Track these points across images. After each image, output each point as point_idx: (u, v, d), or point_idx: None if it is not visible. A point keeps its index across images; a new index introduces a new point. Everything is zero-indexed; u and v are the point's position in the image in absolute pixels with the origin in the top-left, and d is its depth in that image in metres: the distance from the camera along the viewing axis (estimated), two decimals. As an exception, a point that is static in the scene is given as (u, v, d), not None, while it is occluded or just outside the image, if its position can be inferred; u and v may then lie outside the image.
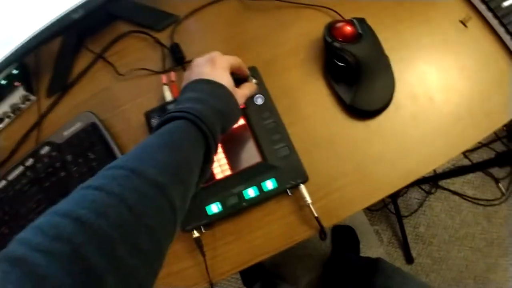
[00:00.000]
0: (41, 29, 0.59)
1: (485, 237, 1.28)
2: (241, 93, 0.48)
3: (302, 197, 0.48)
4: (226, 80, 0.45)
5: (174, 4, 0.67)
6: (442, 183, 1.30)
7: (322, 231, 0.48)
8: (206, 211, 0.48)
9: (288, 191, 0.49)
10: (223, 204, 0.49)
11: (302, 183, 0.49)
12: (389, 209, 1.28)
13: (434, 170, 1.18)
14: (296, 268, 1.21)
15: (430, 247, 1.27)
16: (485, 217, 1.30)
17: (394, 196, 1.24)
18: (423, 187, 1.30)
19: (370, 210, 1.30)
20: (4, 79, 0.69)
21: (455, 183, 1.32)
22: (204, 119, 0.38)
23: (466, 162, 1.32)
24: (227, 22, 0.64)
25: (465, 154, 1.32)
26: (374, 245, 1.26)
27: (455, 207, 1.31)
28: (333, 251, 1.19)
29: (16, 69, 0.69)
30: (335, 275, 1.10)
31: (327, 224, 0.49)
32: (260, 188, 0.49)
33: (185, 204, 0.35)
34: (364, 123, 0.53)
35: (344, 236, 1.20)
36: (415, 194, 1.31)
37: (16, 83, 0.67)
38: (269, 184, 0.48)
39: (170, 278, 0.50)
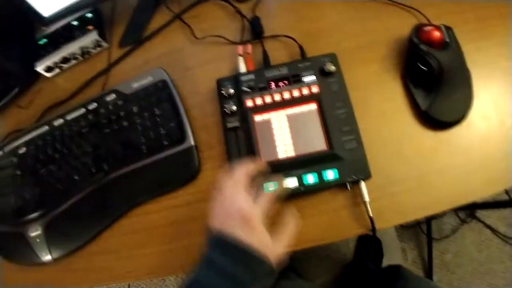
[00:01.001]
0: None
1: (505, 276, 1.23)
2: (277, 249, 0.42)
3: (360, 194, 0.47)
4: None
5: (259, -22, 0.66)
6: (479, 214, 1.26)
7: (373, 232, 0.47)
8: (262, 188, 0.48)
9: (348, 184, 0.48)
10: (280, 185, 0.48)
11: (364, 179, 0.47)
12: (422, 229, 1.26)
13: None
14: (313, 266, 1.20)
15: (453, 276, 1.23)
16: (510, 256, 1.25)
17: (430, 217, 1.22)
18: (460, 214, 1.27)
19: (402, 226, 1.27)
20: (77, 20, 0.70)
21: (491, 216, 1.28)
22: None
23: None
24: (309, 5, 0.62)
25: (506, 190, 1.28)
26: (397, 261, 1.23)
27: (486, 241, 1.27)
28: (354, 258, 1.18)
29: (92, 14, 0.70)
30: (352, 281, 1.09)
31: (377, 226, 0.47)
32: (320, 176, 0.48)
33: None
34: (434, 133, 0.51)
35: (369, 245, 1.18)
36: (450, 220, 1.28)
37: (90, 27, 0.68)
38: (330, 174, 0.48)
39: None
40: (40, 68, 0.69)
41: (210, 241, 0.41)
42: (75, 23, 0.70)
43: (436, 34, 0.51)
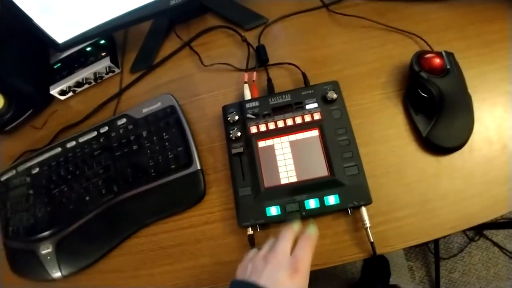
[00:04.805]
0: (138, 7, 0.63)
1: (511, 293, 1.24)
2: None
3: (361, 219, 0.48)
4: None
5: (264, 6, 0.69)
6: (487, 232, 1.26)
7: (374, 257, 0.48)
8: (265, 212, 0.49)
9: (349, 210, 0.49)
10: (282, 209, 0.49)
11: (365, 205, 0.48)
12: (429, 248, 1.26)
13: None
14: (319, 286, 1.20)
15: (460, 294, 1.23)
16: (517, 273, 1.26)
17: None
18: (468, 233, 1.27)
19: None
20: (91, 46, 0.73)
21: (499, 234, 1.28)
22: None
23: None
24: (314, 33, 0.65)
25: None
26: (405, 281, 1.23)
27: (493, 259, 1.27)
28: (361, 278, 1.17)
29: (105, 41, 0.73)
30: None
31: (379, 251, 0.48)
32: (321, 201, 0.49)
33: None
34: (435, 158, 0.52)
35: (376, 265, 1.17)
36: (458, 239, 1.28)
37: (103, 53, 0.71)
38: (332, 200, 0.49)
39: (217, 267, 0.52)
40: (54, 91, 0.71)
41: (233, 284, 0.41)
42: (88, 49, 0.73)
43: (437, 61, 0.52)
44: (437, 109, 0.51)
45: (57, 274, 0.57)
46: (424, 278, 1.26)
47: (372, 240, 0.47)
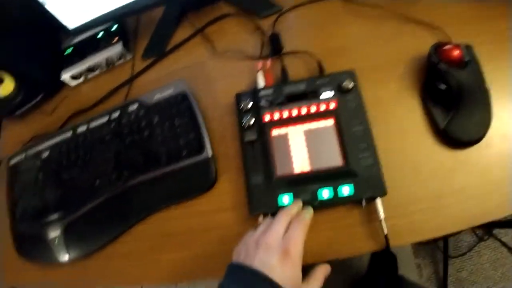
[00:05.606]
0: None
1: (517, 293, 1.22)
2: None
3: (375, 211, 0.47)
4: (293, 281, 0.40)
5: (278, -5, 0.68)
6: (496, 232, 1.25)
7: (388, 250, 0.47)
8: (277, 201, 0.49)
9: (363, 201, 0.48)
10: (295, 198, 0.49)
11: (380, 196, 0.47)
12: (438, 246, 1.25)
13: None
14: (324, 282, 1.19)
15: (467, 294, 1.22)
16: (524, 275, 1.24)
17: (447, 235, 1.21)
18: (477, 232, 1.26)
19: (418, 242, 1.26)
20: (103, 31, 0.73)
21: (508, 235, 1.27)
22: None
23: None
24: (329, 22, 0.63)
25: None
26: (412, 278, 1.18)
27: (501, 259, 1.26)
28: (367, 273, 1.16)
29: (117, 26, 0.73)
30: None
31: (392, 244, 0.47)
32: (335, 192, 0.48)
33: None
34: (452, 152, 0.51)
35: (383, 260, 1.16)
36: (467, 237, 1.27)
37: (115, 39, 0.71)
38: (346, 190, 0.48)
39: (225, 255, 0.49)
40: (65, 76, 0.71)
41: (229, 268, 0.41)
42: (100, 34, 0.73)
43: (456, 52, 0.51)
44: (455, 102, 0.50)
45: (64, 258, 0.57)
46: (432, 276, 1.25)
47: (386, 233, 0.46)
